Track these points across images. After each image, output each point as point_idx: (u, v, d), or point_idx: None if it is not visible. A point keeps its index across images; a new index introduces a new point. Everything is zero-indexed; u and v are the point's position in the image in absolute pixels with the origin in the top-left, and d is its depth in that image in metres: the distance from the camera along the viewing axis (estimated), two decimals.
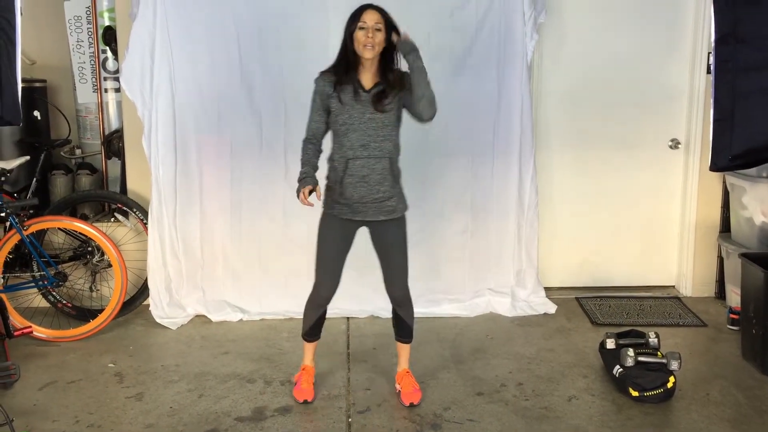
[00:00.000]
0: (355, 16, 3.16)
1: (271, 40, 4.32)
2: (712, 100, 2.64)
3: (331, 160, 3.30)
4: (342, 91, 3.18)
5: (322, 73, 3.26)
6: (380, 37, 3.14)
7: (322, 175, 3.31)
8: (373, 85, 3.21)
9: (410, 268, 4.43)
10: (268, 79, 4.36)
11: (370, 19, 3.13)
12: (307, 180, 3.19)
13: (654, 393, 3.42)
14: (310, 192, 3.16)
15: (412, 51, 3.17)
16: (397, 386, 3.54)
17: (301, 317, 4.46)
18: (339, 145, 3.24)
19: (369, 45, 3.11)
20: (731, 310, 4.35)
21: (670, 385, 3.44)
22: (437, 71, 4.36)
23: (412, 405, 3.43)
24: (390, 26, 3.19)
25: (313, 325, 3.50)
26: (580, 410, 3.40)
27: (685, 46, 4.73)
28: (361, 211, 3.25)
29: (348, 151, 3.19)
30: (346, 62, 3.19)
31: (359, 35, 3.13)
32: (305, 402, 3.44)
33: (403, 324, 3.53)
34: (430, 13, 4.34)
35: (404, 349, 3.58)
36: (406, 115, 3.34)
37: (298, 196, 3.18)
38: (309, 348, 3.58)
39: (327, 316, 3.83)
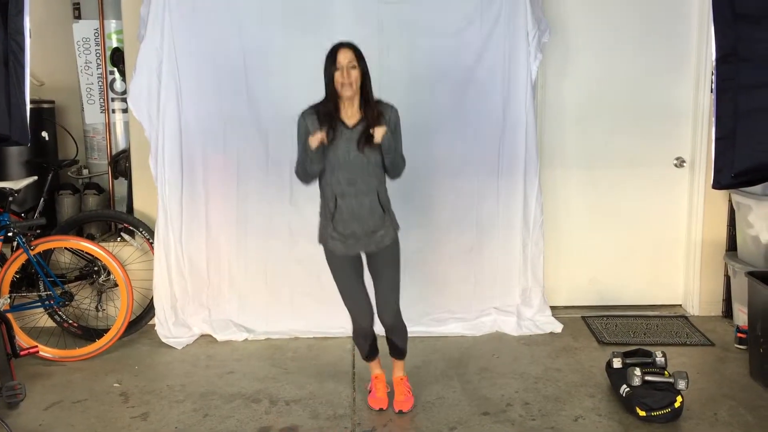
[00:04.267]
0: (331, 58, 3.24)
1: (278, 61, 4.36)
2: (714, 119, 2.65)
3: (322, 195, 3.39)
4: (326, 131, 3.23)
5: (305, 112, 3.34)
6: (355, 74, 3.22)
7: (315, 210, 3.43)
8: (356, 122, 3.28)
9: (416, 286, 4.48)
10: (275, 99, 4.39)
11: (344, 58, 3.22)
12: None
13: (661, 413, 3.39)
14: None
15: (388, 149, 3.27)
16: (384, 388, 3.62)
17: (307, 336, 4.47)
18: (326, 183, 3.32)
19: (347, 83, 3.20)
20: (738, 329, 4.32)
21: (677, 404, 3.41)
22: (442, 90, 4.44)
23: (401, 412, 3.49)
24: (361, 60, 3.25)
25: (369, 350, 3.60)
26: (586, 430, 3.37)
27: (690, 64, 4.75)
28: (353, 245, 3.33)
29: (336, 188, 3.28)
30: (329, 102, 3.27)
31: (336, 76, 3.22)
32: (381, 410, 3.54)
33: (395, 347, 3.60)
34: (435, 32, 4.38)
35: (398, 363, 3.67)
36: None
37: (309, 151, 3.21)
38: (373, 364, 3.67)
39: (332, 335, 3.84)
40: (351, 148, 3.25)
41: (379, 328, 3.88)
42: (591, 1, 4.69)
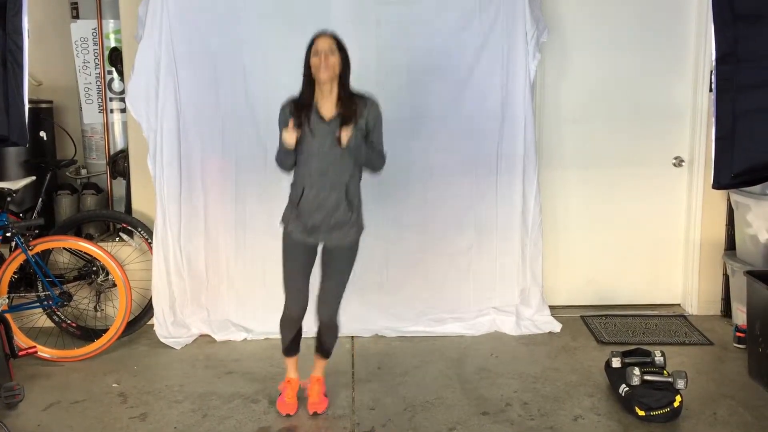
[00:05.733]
0: (309, 45, 3.26)
1: (276, 61, 4.36)
2: (713, 119, 2.66)
3: (293, 184, 3.40)
4: (303, 122, 3.25)
5: (284, 104, 3.36)
6: (334, 59, 3.22)
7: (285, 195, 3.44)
8: (333, 116, 3.28)
9: (414, 286, 4.48)
10: (273, 99, 4.36)
11: (323, 44, 3.23)
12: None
13: (660, 412, 3.40)
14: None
15: (358, 151, 3.29)
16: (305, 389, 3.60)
17: (305, 336, 4.46)
18: (297, 172, 3.35)
19: (323, 66, 3.20)
20: (737, 329, 4.33)
21: (676, 404, 3.42)
22: (440, 90, 4.43)
23: (315, 414, 3.48)
24: (342, 50, 3.26)
25: (291, 342, 3.56)
26: (585, 430, 3.38)
27: (688, 64, 4.76)
28: (314, 234, 3.34)
29: (306, 178, 3.30)
30: (307, 92, 3.29)
31: (314, 61, 3.23)
32: (288, 416, 3.49)
33: (323, 346, 3.58)
34: (432, 32, 4.38)
35: (321, 362, 3.63)
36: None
37: (282, 147, 3.29)
38: (290, 362, 3.62)
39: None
40: (326, 141, 3.25)
41: (376, 327, 3.90)
42: (589, 0, 4.69)
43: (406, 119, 4.34)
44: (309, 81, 3.28)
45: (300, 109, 3.29)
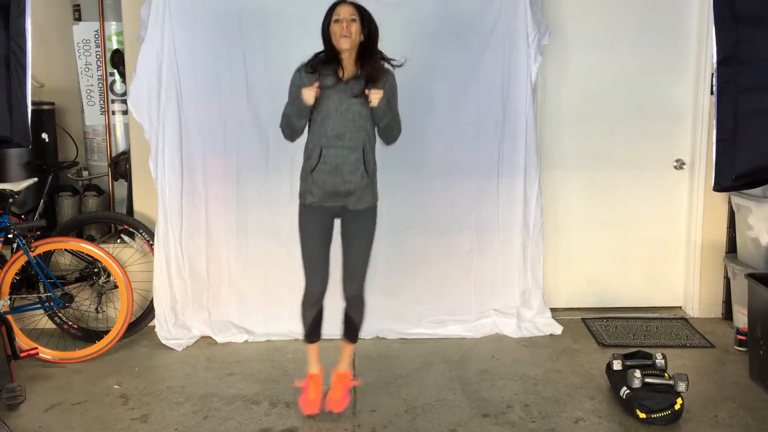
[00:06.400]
0: (329, 12, 3.24)
1: (278, 63, 4.36)
2: (714, 121, 2.66)
3: (306, 148, 3.35)
4: (320, 81, 3.21)
5: (300, 66, 3.31)
6: (355, 27, 3.20)
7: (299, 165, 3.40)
8: (351, 76, 3.26)
9: (415, 288, 4.48)
10: (275, 101, 4.38)
11: (344, 11, 3.21)
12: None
13: (661, 415, 3.40)
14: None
15: (383, 113, 3.25)
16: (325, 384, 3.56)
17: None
18: (313, 134, 3.29)
19: (345, 35, 3.17)
20: (738, 331, 4.32)
21: (677, 406, 3.42)
22: (442, 91, 4.44)
23: (332, 412, 3.44)
24: (365, 19, 3.25)
25: (312, 324, 3.48)
26: None
27: (689, 66, 4.76)
28: (333, 198, 3.28)
29: (322, 139, 3.24)
30: (326, 55, 3.25)
31: (335, 28, 3.20)
32: (310, 417, 3.45)
33: (351, 324, 3.51)
34: (434, 33, 4.38)
35: (347, 349, 3.58)
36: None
37: (299, 103, 3.20)
38: (312, 350, 3.55)
39: (332, 336, 3.79)
40: (343, 100, 3.22)
41: (377, 328, 3.89)
42: (590, 2, 4.70)
43: (407, 121, 4.33)
44: (329, 45, 3.23)
45: (315, 69, 3.24)
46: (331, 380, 3.57)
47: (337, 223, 3.40)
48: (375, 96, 3.17)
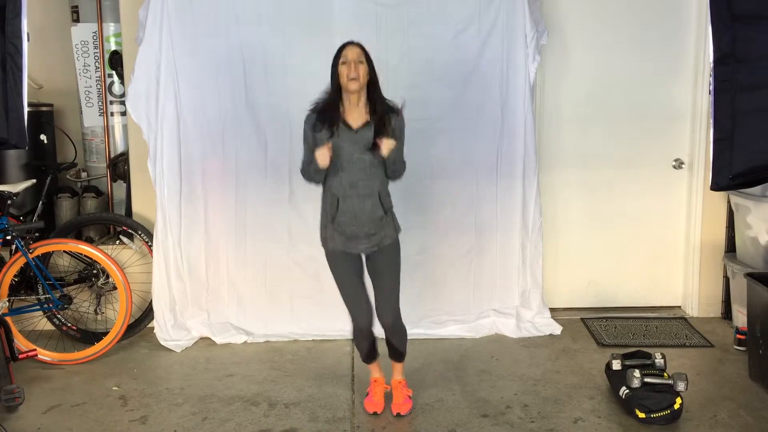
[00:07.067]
0: (337, 54, 3.25)
1: (277, 64, 4.36)
2: (711, 120, 2.65)
3: (323, 196, 3.39)
4: (331, 142, 3.22)
5: (308, 116, 3.32)
6: (363, 69, 3.22)
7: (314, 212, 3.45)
8: (361, 125, 3.26)
9: (415, 288, 4.47)
10: (274, 102, 4.39)
11: (352, 53, 3.22)
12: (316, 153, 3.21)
13: (661, 414, 3.39)
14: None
15: (394, 159, 3.28)
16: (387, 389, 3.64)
17: (306, 339, 4.46)
18: (329, 184, 3.32)
19: (353, 77, 3.18)
20: (738, 331, 4.32)
21: (677, 406, 3.41)
22: (440, 92, 4.43)
23: (399, 415, 3.49)
24: (370, 61, 3.27)
25: (368, 351, 3.59)
26: None
27: (688, 65, 4.76)
28: (354, 245, 3.32)
29: (338, 190, 3.28)
30: (333, 101, 3.27)
31: (342, 70, 3.22)
32: (375, 414, 3.52)
33: (394, 349, 3.59)
34: (433, 34, 4.38)
35: (397, 365, 3.65)
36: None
37: (313, 166, 3.23)
38: (373, 366, 3.65)
39: (331, 337, 3.81)
40: (355, 150, 3.24)
41: (379, 331, 3.89)
42: (589, 2, 4.70)
43: (406, 122, 4.33)
44: (336, 90, 3.26)
45: (325, 120, 3.26)
46: (392, 388, 3.63)
47: (364, 257, 3.44)
48: (386, 147, 3.20)
